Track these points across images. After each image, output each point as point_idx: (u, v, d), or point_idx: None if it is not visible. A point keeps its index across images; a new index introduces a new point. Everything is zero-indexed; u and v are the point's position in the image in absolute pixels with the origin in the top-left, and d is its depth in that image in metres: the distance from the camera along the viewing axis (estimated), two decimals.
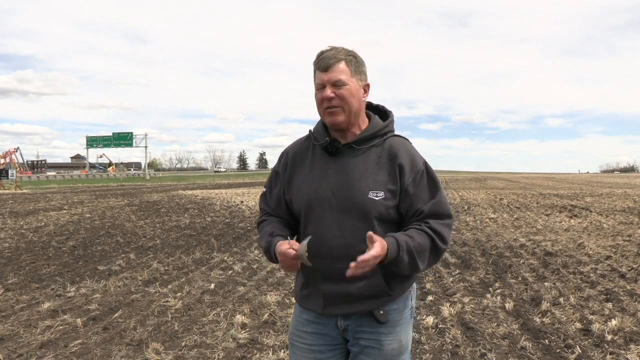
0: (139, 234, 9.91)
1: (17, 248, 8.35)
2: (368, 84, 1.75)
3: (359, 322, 1.72)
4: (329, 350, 1.76)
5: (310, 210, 1.71)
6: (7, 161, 42.76)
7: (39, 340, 3.87)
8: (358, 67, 1.70)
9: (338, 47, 1.71)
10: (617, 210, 14.04)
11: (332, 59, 1.66)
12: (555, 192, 24.23)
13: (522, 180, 47.94)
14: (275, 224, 1.80)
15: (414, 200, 1.68)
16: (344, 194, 1.67)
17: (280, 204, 1.83)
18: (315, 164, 1.75)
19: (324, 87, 1.66)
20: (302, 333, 1.79)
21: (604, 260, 6.75)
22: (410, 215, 1.69)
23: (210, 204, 17.35)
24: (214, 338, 3.94)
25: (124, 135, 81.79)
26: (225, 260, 7.04)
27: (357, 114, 1.72)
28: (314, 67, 1.71)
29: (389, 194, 1.66)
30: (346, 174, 1.68)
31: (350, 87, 1.66)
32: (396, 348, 1.73)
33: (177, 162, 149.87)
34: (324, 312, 1.73)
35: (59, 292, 5.39)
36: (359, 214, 1.65)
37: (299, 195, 1.75)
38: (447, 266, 6.55)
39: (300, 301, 1.82)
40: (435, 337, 3.93)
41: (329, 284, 1.69)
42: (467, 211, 14.23)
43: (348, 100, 1.66)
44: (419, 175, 1.69)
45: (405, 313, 1.77)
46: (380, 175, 1.67)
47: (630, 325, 4.02)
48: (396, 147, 1.72)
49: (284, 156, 1.86)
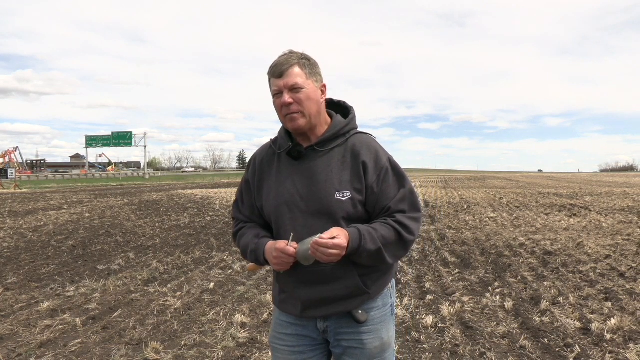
0: (138, 234, 9.90)
1: (17, 248, 8.35)
2: (324, 84, 1.74)
3: (339, 323, 1.72)
4: (310, 351, 1.76)
5: (280, 215, 1.71)
6: (6, 161, 42.69)
7: (39, 340, 3.86)
8: (312, 69, 1.69)
9: (290, 52, 1.70)
10: (617, 209, 14.04)
11: (285, 64, 1.64)
12: (554, 191, 24.24)
13: (521, 179, 47.95)
14: (257, 229, 1.80)
15: (380, 198, 1.67)
16: (311, 197, 1.66)
17: (254, 211, 1.83)
18: (282, 169, 1.74)
19: (281, 93, 1.65)
20: (282, 335, 1.78)
21: (603, 260, 6.75)
22: (378, 213, 1.69)
23: (210, 204, 17.35)
24: (214, 337, 3.94)
25: (124, 134, 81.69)
26: (224, 260, 7.04)
27: (317, 116, 1.71)
28: (268, 76, 1.69)
29: (355, 193, 1.65)
30: (311, 177, 1.68)
31: (307, 90, 1.65)
32: (378, 346, 1.73)
33: (177, 161, 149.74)
34: (302, 316, 1.72)
35: (59, 291, 5.39)
36: (328, 216, 1.64)
37: (268, 201, 1.75)
38: (446, 265, 6.55)
39: (278, 305, 1.81)
40: (434, 336, 3.93)
41: (304, 288, 1.69)
42: (467, 210, 14.23)
43: (306, 104, 1.65)
44: (384, 172, 1.69)
45: (386, 310, 1.77)
46: (345, 175, 1.67)
47: (629, 324, 4.03)
48: (359, 145, 1.71)
49: (251, 163, 1.85)
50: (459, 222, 11.46)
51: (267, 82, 1.71)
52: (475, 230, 9.94)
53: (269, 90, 1.71)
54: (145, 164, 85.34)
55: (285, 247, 1.59)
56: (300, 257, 1.58)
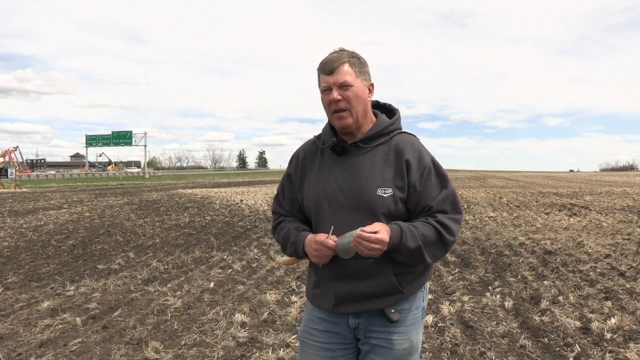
0: (138, 233, 9.90)
1: (17, 247, 8.35)
2: (372, 83, 1.76)
3: (370, 321, 1.72)
4: (340, 349, 1.77)
5: (320, 209, 1.73)
6: (6, 160, 42.68)
7: (39, 339, 3.86)
8: (362, 67, 1.71)
9: (340, 50, 1.71)
10: (617, 208, 14.04)
11: (336, 61, 1.66)
12: (554, 190, 24.23)
13: (521, 178, 47.96)
14: (297, 222, 1.82)
15: (422, 197, 1.69)
16: (352, 191, 1.68)
17: (294, 206, 1.85)
18: (324, 164, 1.76)
19: (331, 90, 1.67)
20: (314, 331, 1.79)
21: (604, 259, 6.75)
22: (419, 212, 1.70)
23: (210, 203, 17.35)
24: (214, 337, 3.95)
25: (124, 134, 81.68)
26: (224, 259, 7.04)
27: (364, 115, 1.73)
28: (318, 72, 1.71)
29: (397, 190, 1.66)
30: (354, 172, 1.70)
31: (356, 88, 1.67)
32: (407, 348, 1.73)
33: (177, 160, 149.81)
34: (334, 311, 1.73)
35: (59, 291, 5.39)
36: (368, 211, 1.65)
37: (309, 195, 1.77)
38: (446, 265, 6.55)
39: (312, 299, 1.82)
40: (434, 335, 3.93)
41: (339, 282, 1.70)
42: (467, 210, 14.23)
43: (354, 102, 1.67)
44: (426, 171, 1.70)
45: (417, 313, 1.77)
46: (388, 172, 1.68)
47: (629, 323, 4.03)
48: (403, 144, 1.73)
49: (294, 159, 1.87)
50: None
51: (317, 79, 1.72)
52: (475, 230, 9.94)
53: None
54: (145, 164, 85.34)
55: (326, 239, 1.61)
56: (340, 250, 1.59)
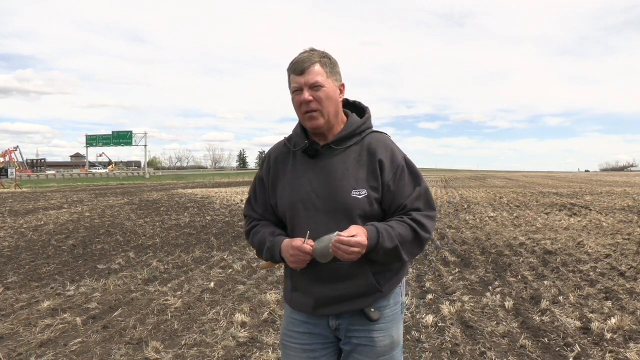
0: (138, 233, 9.90)
1: (17, 247, 8.35)
2: (343, 84, 1.75)
3: (351, 321, 1.72)
4: (321, 349, 1.77)
5: (295, 213, 1.71)
6: (6, 160, 42.68)
7: (39, 339, 3.86)
8: (333, 68, 1.69)
9: (311, 49, 1.70)
10: (617, 208, 14.04)
11: (306, 61, 1.64)
12: (554, 190, 24.23)
13: (521, 178, 47.93)
14: (271, 227, 1.80)
15: (396, 196, 1.68)
16: (327, 194, 1.67)
17: (267, 209, 1.83)
18: (297, 167, 1.74)
19: (301, 90, 1.65)
20: (294, 333, 1.79)
21: (604, 259, 6.75)
22: (393, 211, 1.70)
23: (210, 203, 17.35)
24: (214, 337, 3.95)
25: (124, 133, 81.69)
26: (224, 259, 7.04)
27: (335, 116, 1.71)
28: (288, 72, 1.69)
29: (372, 190, 1.66)
30: (328, 174, 1.68)
31: (327, 88, 1.65)
32: (388, 344, 1.74)
33: (177, 160, 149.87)
34: (314, 313, 1.73)
35: (59, 290, 5.39)
36: (344, 214, 1.65)
37: (282, 199, 1.75)
38: (446, 265, 6.55)
39: (290, 303, 1.81)
40: (434, 335, 3.93)
41: (318, 285, 1.69)
42: (467, 210, 14.23)
43: (325, 102, 1.65)
44: (399, 170, 1.70)
45: (396, 309, 1.78)
46: (361, 173, 1.67)
47: (629, 323, 4.03)
48: (375, 144, 1.72)
49: (265, 161, 1.85)
50: (459, 221, 11.46)
51: (287, 79, 1.71)
52: (476, 230, 9.94)
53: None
54: (145, 163, 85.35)
55: (302, 244, 1.60)
56: (318, 255, 1.58)
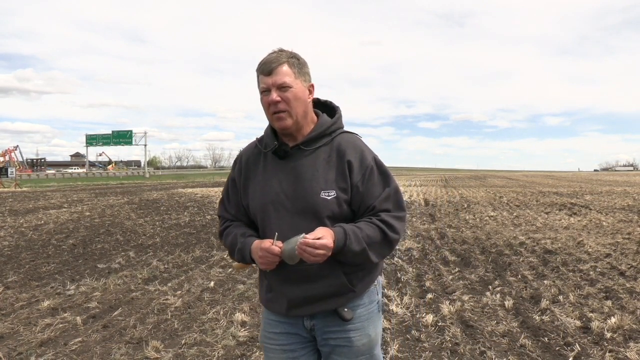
0: (138, 232, 9.91)
1: (17, 246, 8.35)
2: (312, 84, 1.74)
3: (325, 322, 1.72)
4: (300, 349, 1.77)
5: (265, 215, 1.71)
6: (6, 159, 42.66)
7: (39, 339, 3.87)
8: (301, 68, 1.68)
9: (279, 50, 1.69)
10: (617, 208, 14.04)
11: (274, 62, 1.64)
12: (554, 190, 24.22)
13: (521, 178, 47.93)
14: (243, 228, 1.80)
15: (365, 197, 1.68)
16: (296, 196, 1.66)
17: (240, 210, 1.83)
18: (268, 169, 1.74)
19: (269, 91, 1.64)
20: (272, 334, 1.79)
21: (604, 258, 6.75)
22: (362, 212, 1.70)
23: (210, 202, 17.35)
24: (214, 336, 3.95)
25: (124, 133, 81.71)
26: (225, 258, 7.04)
27: (304, 116, 1.70)
28: (256, 73, 1.68)
29: (340, 192, 1.66)
30: (297, 176, 1.68)
31: (295, 89, 1.64)
32: (366, 343, 1.73)
33: (177, 160, 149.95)
34: (288, 314, 1.73)
35: (59, 290, 5.39)
36: (313, 215, 1.64)
37: (254, 200, 1.75)
38: (446, 264, 6.55)
39: (265, 304, 1.82)
40: (434, 335, 3.93)
41: (290, 286, 1.69)
42: (467, 209, 14.23)
43: (293, 103, 1.64)
44: (369, 171, 1.69)
45: (372, 307, 1.77)
46: (331, 174, 1.67)
47: (629, 323, 4.03)
48: (345, 145, 1.71)
49: (237, 162, 1.85)
50: (459, 220, 11.46)
51: (256, 79, 1.70)
52: (476, 229, 9.94)
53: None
54: (145, 163, 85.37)
55: (271, 246, 1.59)
56: (286, 257, 1.58)
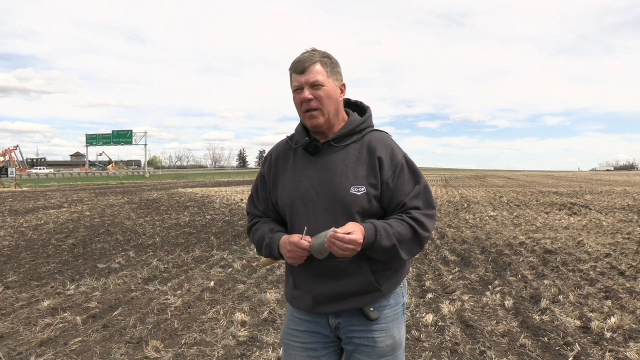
0: (138, 232, 9.91)
1: (17, 246, 8.35)
2: (344, 83, 1.77)
3: (351, 321, 1.72)
4: (322, 348, 1.77)
5: (294, 210, 1.73)
6: (6, 159, 42.66)
7: (39, 338, 3.87)
8: (333, 68, 1.71)
9: (312, 49, 1.72)
10: (617, 208, 14.04)
11: (307, 61, 1.67)
12: (554, 189, 24.22)
13: (521, 178, 47.92)
14: (272, 223, 1.82)
15: (395, 194, 1.69)
16: (326, 191, 1.68)
17: (268, 206, 1.85)
18: (298, 164, 1.76)
19: (302, 89, 1.67)
20: (295, 332, 1.79)
21: (604, 258, 6.75)
22: (393, 208, 1.70)
23: (210, 202, 17.35)
24: (214, 336, 3.95)
25: (124, 133, 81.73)
26: (225, 258, 7.04)
27: (335, 115, 1.73)
28: (290, 72, 1.71)
29: (370, 188, 1.67)
30: (327, 171, 1.70)
31: (327, 87, 1.67)
32: (390, 344, 1.73)
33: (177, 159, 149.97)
34: (313, 312, 1.74)
35: (59, 290, 5.39)
36: (342, 210, 1.65)
37: (282, 196, 1.76)
38: (446, 264, 6.55)
39: (291, 301, 1.83)
40: (434, 334, 3.93)
41: (317, 283, 1.70)
42: (467, 209, 14.23)
43: (325, 101, 1.67)
44: (399, 168, 1.70)
45: (397, 309, 1.77)
46: (361, 170, 1.68)
47: (629, 322, 4.03)
48: (375, 142, 1.73)
49: (267, 159, 1.88)
50: (459, 220, 11.46)
51: (289, 78, 1.73)
52: (476, 229, 9.94)
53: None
54: (145, 163, 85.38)
55: (299, 240, 1.60)
56: (314, 251, 1.59)
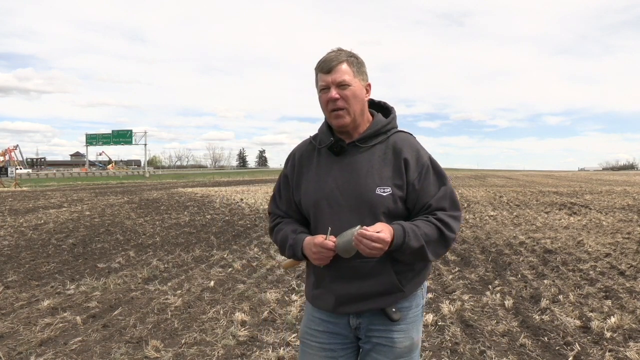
0: (138, 232, 9.90)
1: (17, 246, 8.35)
2: (369, 83, 1.77)
3: (371, 320, 1.72)
4: (340, 349, 1.77)
5: (318, 210, 1.72)
6: (6, 159, 42.67)
7: (39, 338, 3.87)
8: (360, 67, 1.71)
9: (339, 49, 1.72)
10: (617, 207, 14.04)
11: (334, 60, 1.67)
12: (554, 189, 24.22)
13: (521, 177, 47.93)
14: (294, 224, 1.81)
15: (421, 195, 1.68)
16: (351, 191, 1.67)
17: (291, 206, 1.84)
18: (322, 165, 1.76)
19: (329, 89, 1.67)
20: (314, 332, 1.79)
21: (603, 258, 6.75)
22: (418, 210, 1.70)
23: (210, 202, 17.35)
24: (214, 335, 3.95)
25: (124, 132, 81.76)
26: (224, 258, 7.04)
27: (361, 115, 1.73)
28: (315, 71, 1.71)
29: (396, 189, 1.66)
30: (352, 171, 1.69)
31: (353, 87, 1.67)
32: (408, 346, 1.73)
33: (177, 159, 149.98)
34: (335, 311, 1.73)
35: (59, 289, 5.39)
36: (367, 211, 1.65)
37: (306, 196, 1.76)
38: (446, 264, 6.55)
39: (312, 300, 1.82)
40: (434, 334, 3.93)
41: (340, 283, 1.70)
42: (467, 209, 14.22)
43: (352, 101, 1.67)
44: (425, 169, 1.70)
45: (417, 311, 1.77)
46: (386, 171, 1.68)
47: (629, 322, 4.03)
48: (401, 143, 1.73)
49: (290, 159, 1.87)
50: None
51: (314, 78, 1.73)
52: (476, 229, 9.94)
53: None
54: (145, 162, 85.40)
55: (325, 241, 1.60)
56: (341, 250, 1.58)
